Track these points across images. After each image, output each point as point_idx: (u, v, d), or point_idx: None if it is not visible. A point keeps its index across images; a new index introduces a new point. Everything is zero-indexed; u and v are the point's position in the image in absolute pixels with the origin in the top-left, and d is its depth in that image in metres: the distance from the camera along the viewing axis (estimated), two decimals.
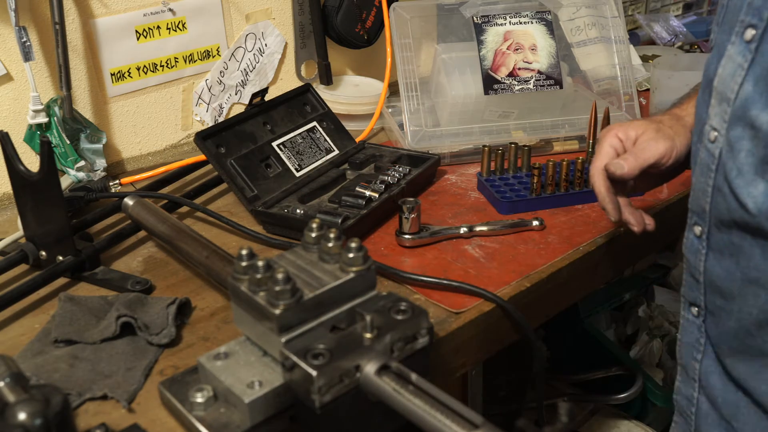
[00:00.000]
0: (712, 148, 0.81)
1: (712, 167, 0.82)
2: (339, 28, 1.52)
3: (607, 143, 1.00)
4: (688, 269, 0.90)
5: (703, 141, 0.84)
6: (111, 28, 1.30)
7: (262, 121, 1.26)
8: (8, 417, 0.63)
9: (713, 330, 0.87)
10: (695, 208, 0.86)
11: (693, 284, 0.89)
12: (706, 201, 0.83)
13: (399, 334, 0.73)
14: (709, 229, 0.84)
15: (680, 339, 0.94)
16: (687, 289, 0.91)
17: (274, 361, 0.74)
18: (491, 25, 1.36)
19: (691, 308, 0.90)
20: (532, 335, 0.98)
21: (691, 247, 0.88)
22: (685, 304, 0.92)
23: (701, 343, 0.89)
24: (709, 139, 0.82)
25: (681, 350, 0.94)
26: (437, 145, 1.33)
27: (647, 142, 0.97)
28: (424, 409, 0.64)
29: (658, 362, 1.66)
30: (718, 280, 0.83)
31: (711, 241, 0.84)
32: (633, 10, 2.03)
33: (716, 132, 0.80)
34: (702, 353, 0.90)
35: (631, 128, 1.00)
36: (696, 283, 0.88)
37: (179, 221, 1.04)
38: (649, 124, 1.00)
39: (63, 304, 0.93)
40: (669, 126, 0.99)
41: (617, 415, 1.59)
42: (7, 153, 0.98)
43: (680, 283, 0.95)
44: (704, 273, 0.86)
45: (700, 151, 0.84)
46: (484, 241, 1.10)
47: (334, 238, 0.76)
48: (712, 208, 0.83)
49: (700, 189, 0.85)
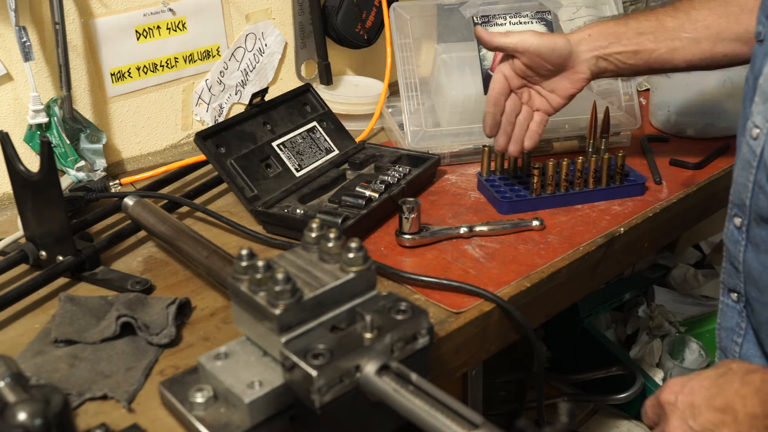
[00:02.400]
0: (753, 144, 0.82)
1: (753, 164, 0.83)
2: (339, 28, 1.52)
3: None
4: (727, 257, 0.93)
5: (745, 136, 0.84)
6: (111, 28, 1.30)
7: (262, 121, 1.26)
8: (8, 417, 0.63)
9: (752, 317, 0.89)
10: (736, 200, 0.88)
11: (732, 272, 0.91)
12: (746, 196, 0.85)
13: (399, 334, 0.73)
14: (749, 223, 0.86)
15: (719, 324, 0.96)
16: (726, 276, 0.93)
17: (274, 361, 0.74)
18: (491, 25, 1.36)
19: (731, 294, 0.92)
20: (532, 335, 0.98)
21: (731, 237, 0.90)
22: (724, 290, 0.94)
23: (742, 327, 0.91)
24: (752, 135, 0.83)
25: (720, 334, 0.97)
26: (437, 145, 1.33)
27: (520, 33, 1.10)
28: (424, 409, 0.64)
29: (658, 362, 1.66)
30: (755, 272, 0.85)
31: (750, 234, 0.86)
32: (633, 11, 2.03)
33: (758, 129, 0.81)
34: (742, 337, 0.91)
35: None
36: (736, 271, 0.90)
37: (179, 221, 1.04)
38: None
39: (63, 304, 0.93)
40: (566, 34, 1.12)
41: (617, 415, 1.59)
42: (7, 153, 0.98)
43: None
44: (743, 263, 0.88)
45: (742, 145, 0.85)
46: (484, 241, 1.10)
47: (334, 238, 0.76)
48: (752, 204, 0.84)
49: (741, 183, 0.86)
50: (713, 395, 0.75)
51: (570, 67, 1.10)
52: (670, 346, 1.68)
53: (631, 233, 1.15)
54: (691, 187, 1.26)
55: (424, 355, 0.76)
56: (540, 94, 1.13)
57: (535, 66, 1.10)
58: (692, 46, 1.07)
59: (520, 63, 1.10)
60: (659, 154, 1.37)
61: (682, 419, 0.76)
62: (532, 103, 1.14)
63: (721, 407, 0.74)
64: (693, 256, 1.99)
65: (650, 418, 0.83)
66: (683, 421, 0.76)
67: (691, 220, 1.31)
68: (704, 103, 1.42)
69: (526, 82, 1.13)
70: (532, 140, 1.14)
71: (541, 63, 1.09)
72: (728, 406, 0.74)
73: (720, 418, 0.74)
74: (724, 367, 0.77)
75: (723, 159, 1.36)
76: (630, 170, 1.25)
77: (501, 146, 1.15)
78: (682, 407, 0.76)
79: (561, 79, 1.11)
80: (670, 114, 1.46)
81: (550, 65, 1.09)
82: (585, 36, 1.10)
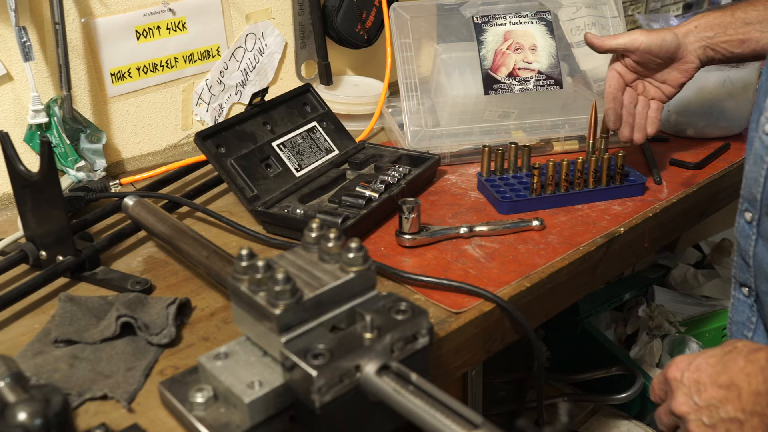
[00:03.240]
0: (765, 139, 0.82)
1: (766, 159, 0.83)
2: (339, 28, 1.52)
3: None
4: (738, 252, 0.94)
5: (758, 131, 0.85)
6: (111, 28, 1.30)
7: (262, 121, 1.26)
8: (8, 417, 0.63)
9: (763, 311, 0.89)
10: (747, 195, 0.88)
11: (743, 266, 0.93)
12: (758, 190, 0.85)
13: (399, 334, 0.73)
14: (760, 217, 0.86)
15: (731, 318, 0.98)
16: (737, 270, 0.94)
17: (274, 361, 0.74)
18: (491, 25, 1.36)
19: (742, 288, 0.93)
20: (532, 335, 0.98)
21: (742, 231, 0.90)
22: (736, 284, 0.95)
23: (752, 321, 0.92)
24: (764, 131, 0.83)
25: (731, 328, 0.98)
26: (437, 145, 1.33)
27: (629, 33, 1.16)
28: (424, 409, 0.64)
29: (658, 362, 1.66)
30: (766, 266, 0.85)
31: (761, 228, 0.86)
32: (633, 10, 2.03)
33: None
34: (753, 331, 0.92)
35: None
36: (746, 266, 0.91)
37: (179, 221, 1.04)
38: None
39: (63, 304, 0.93)
40: (671, 29, 1.16)
41: (617, 415, 1.59)
42: (7, 153, 0.98)
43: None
44: (754, 258, 0.88)
45: (754, 140, 0.86)
46: (484, 241, 1.10)
47: (334, 238, 0.76)
48: (764, 198, 0.84)
49: (752, 178, 0.86)
50: (718, 372, 0.76)
51: (679, 58, 1.15)
52: (670, 346, 1.68)
53: (631, 233, 1.15)
54: (691, 187, 1.26)
55: (424, 355, 0.76)
56: (653, 84, 1.19)
57: (645, 61, 1.16)
58: None
59: (631, 60, 1.17)
60: (659, 154, 1.37)
61: (688, 395, 0.77)
62: (647, 93, 1.20)
63: (725, 384, 0.75)
64: (693, 256, 1.99)
65: (657, 395, 0.84)
66: (688, 397, 0.77)
67: (691, 220, 1.31)
68: (704, 103, 1.42)
69: (638, 75, 1.19)
70: (654, 126, 1.20)
71: (650, 58, 1.15)
72: (733, 383, 0.75)
73: (724, 394, 0.75)
74: (729, 345, 0.78)
75: (723, 159, 1.36)
76: (630, 170, 1.25)
77: (626, 136, 1.21)
78: (687, 383, 0.78)
79: (671, 70, 1.17)
80: (670, 114, 1.46)
81: (660, 59, 1.15)
82: (692, 28, 1.15)
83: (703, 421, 0.75)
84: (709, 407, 0.75)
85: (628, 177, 1.24)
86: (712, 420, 0.75)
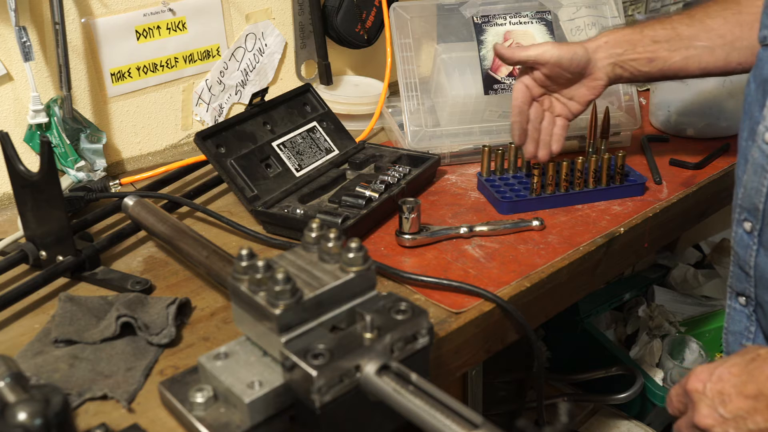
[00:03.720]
0: (766, 148, 0.82)
1: (767, 167, 0.82)
2: (339, 28, 1.52)
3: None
4: (736, 261, 0.92)
5: (756, 141, 0.84)
6: (111, 28, 1.30)
7: (262, 121, 1.26)
8: (8, 417, 0.63)
9: (764, 321, 0.88)
10: (747, 205, 0.87)
11: (742, 276, 0.91)
12: (759, 200, 0.84)
13: (399, 334, 0.73)
14: (762, 227, 0.85)
15: (727, 328, 0.96)
16: (735, 280, 0.93)
17: (274, 361, 0.74)
18: (491, 25, 1.36)
19: (739, 298, 0.92)
20: (532, 335, 0.98)
21: (740, 241, 0.89)
22: (732, 294, 0.94)
23: (751, 331, 0.91)
24: (764, 140, 0.82)
25: (728, 338, 0.96)
26: (437, 145, 1.34)
27: (539, 45, 1.13)
28: (424, 409, 0.64)
29: (658, 362, 1.66)
30: None
31: (763, 238, 0.85)
32: (633, 10, 2.03)
33: None
34: (752, 341, 0.91)
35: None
36: (746, 276, 0.90)
37: (179, 221, 1.04)
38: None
39: (63, 304, 0.93)
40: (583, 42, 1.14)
41: (617, 415, 1.59)
42: (7, 153, 0.98)
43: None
44: (754, 268, 0.87)
45: (752, 149, 0.85)
46: (484, 241, 1.10)
47: (334, 238, 0.76)
48: (766, 208, 0.83)
49: (753, 188, 0.85)
50: (743, 382, 0.74)
51: (588, 74, 1.13)
52: (670, 346, 1.68)
53: (631, 233, 1.15)
54: (691, 187, 1.26)
55: (424, 355, 0.76)
56: (560, 101, 1.17)
57: (554, 75, 1.13)
58: (707, 55, 1.07)
59: (540, 73, 1.14)
60: (659, 154, 1.37)
61: (712, 407, 0.75)
62: (552, 110, 1.17)
63: (753, 394, 0.73)
64: (693, 256, 1.99)
65: (675, 407, 0.82)
66: (713, 409, 0.75)
67: (691, 220, 1.31)
68: (704, 103, 1.42)
69: (546, 90, 1.16)
70: (558, 144, 1.17)
71: (560, 72, 1.12)
72: (761, 393, 0.73)
73: (752, 405, 0.73)
74: (752, 353, 0.76)
75: (723, 159, 1.36)
76: (630, 170, 1.25)
77: (531, 152, 1.18)
78: (711, 395, 0.75)
79: (579, 86, 1.14)
80: (670, 114, 1.46)
81: (569, 74, 1.12)
82: (602, 43, 1.12)
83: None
84: (737, 419, 0.73)
85: (628, 177, 1.24)
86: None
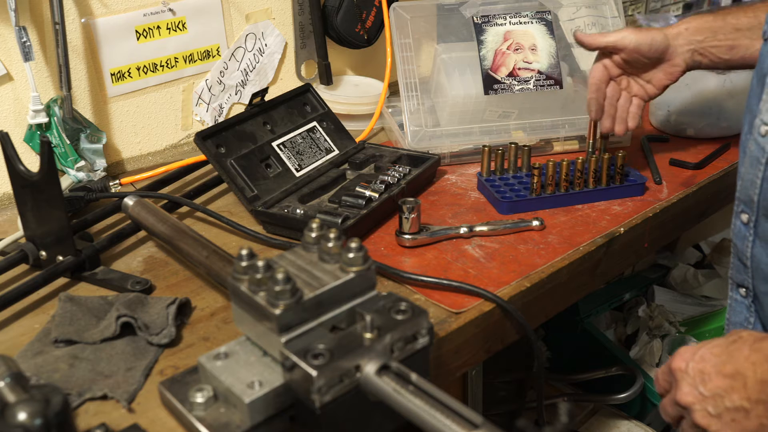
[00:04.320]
0: (762, 141, 0.83)
1: (762, 160, 0.84)
2: (339, 28, 1.52)
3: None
4: (735, 253, 0.94)
5: (753, 134, 0.85)
6: (111, 28, 1.30)
7: (262, 121, 1.26)
8: (8, 417, 0.63)
9: (761, 311, 0.89)
10: (743, 197, 0.89)
11: (740, 267, 0.93)
12: (754, 192, 0.85)
13: (399, 334, 0.73)
14: (757, 219, 0.86)
15: (728, 319, 0.98)
16: (734, 271, 0.94)
17: (274, 361, 0.74)
18: (491, 25, 1.37)
19: (739, 289, 0.94)
20: (532, 335, 0.98)
21: (738, 233, 0.91)
22: (733, 285, 0.95)
23: (750, 321, 0.93)
24: (760, 133, 0.83)
25: (729, 329, 0.98)
26: (437, 145, 1.34)
27: (619, 31, 1.17)
28: (424, 409, 0.64)
29: (658, 362, 1.66)
30: (764, 267, 0.86)
31: (758, 229, 0.87)
32: (633, 10, 2.03)
33: (767, 126, 0.82)
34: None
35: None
36: (744, 267, 0.91)
37: (179, 221, 1.04)
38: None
39: (63, 304, 0.93)
40: (661, 30, 1.16)
41: (617, 415, 1.59)
42: (7, 153, 0.98)
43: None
44: (751, 259, 0.88)
45: (749, 142, 0.86)
46: (484, 241, 1.10)
47: (334, 238, 0.76)
48: (761, 199, 0.85)
49: (749, 180, 0.87)
50: (723, 362, 0.76)
51: (666, 59, 1.15)
52: (670, 346, 1.68)
53: (631, 233, 1.15)
54: (691, 187, 1.26)
55: (424, 355, 0.76)
56: (637, 82, 1.19)
57: (633, 60, 1.16)
58: None
59: (619, 58, 1.16)
60: (659, 154, 1.37)
61: (693, 385, 0.77)
62: (629, 90, 1.20)
63: (730, 373, 0.75)
64: (693, 256, 1.99)
65: (662, 386, 0.84)
66: (693, 387, 0.77)
67: (691, 220, 1.31)
68: (704, 103, 1.42)
69: (624, 72, 1.19)
70: (634, 120, 1.20)
71: (638, 58, 1.15)
72: (738, 372, 0.74)
73: (730, 383, 0.75)
74: (734, 335, 0.78)
75: (723, 159, 1.36)
76: (630, 170, 1.25)
77: (607, 128, 1.22)
78: (692, 373, 0.77)
79: (657, 71, 1.16)
80: (670, 114, 1.46)
81: (648, 59, 1.15)
82: (682, 30, 1.14)
83: (709, 410, 0.75)
84: (714, 397, 0.75)
85: (628, 177, 1.24)
86: (717, 409, 0.75)
